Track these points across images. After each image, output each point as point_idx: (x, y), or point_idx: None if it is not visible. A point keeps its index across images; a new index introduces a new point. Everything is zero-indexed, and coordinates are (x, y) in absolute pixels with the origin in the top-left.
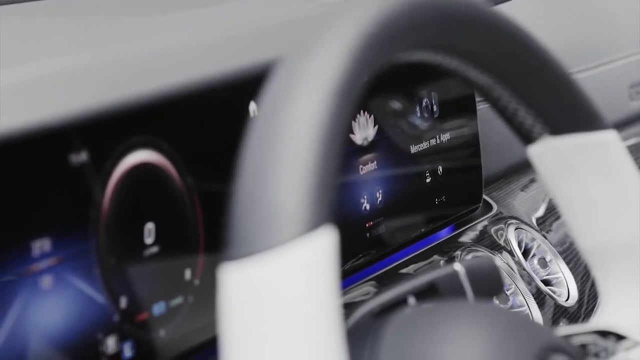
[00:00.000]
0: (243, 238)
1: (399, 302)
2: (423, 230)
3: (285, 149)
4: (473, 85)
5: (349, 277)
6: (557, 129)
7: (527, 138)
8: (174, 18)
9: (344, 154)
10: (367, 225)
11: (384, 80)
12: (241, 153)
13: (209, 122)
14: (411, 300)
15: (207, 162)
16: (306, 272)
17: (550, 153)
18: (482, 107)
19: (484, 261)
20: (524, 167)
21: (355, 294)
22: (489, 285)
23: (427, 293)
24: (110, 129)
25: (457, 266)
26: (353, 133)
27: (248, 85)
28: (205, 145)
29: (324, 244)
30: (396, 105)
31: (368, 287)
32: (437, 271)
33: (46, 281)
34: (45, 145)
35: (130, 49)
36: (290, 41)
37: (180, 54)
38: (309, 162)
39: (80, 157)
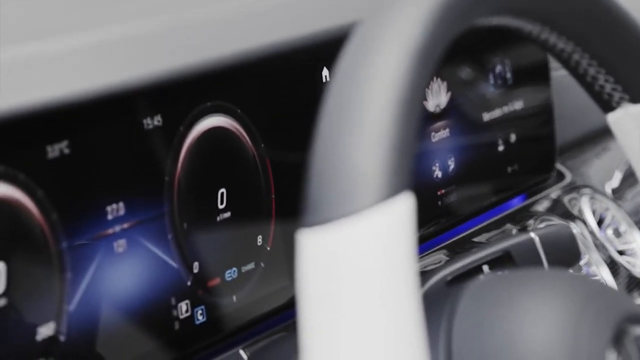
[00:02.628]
0: (321, 204)
1: (473, 270)
2: (495, 199)
3: (365, 113)
4: (551, 51)
5: (419, 245)
6: (638, 97)
7: (607, 105)
8: None
9: None
10: (438, 193)
11: (457, 46)
12: (318, 117)
13: (281, 88)
14: (485, 268)
15: (280, 129)
16: (385, 239)
17: (630, 121)
18: (555, 74)
19: (560, 229)
20: (599, 136)
21: (427, 262)
22: (565, 254)
23: (501, 261)
24: (184, 94)
25: (533, 234)
26: (426, 100)
27: (321, 51)
28: (278, 112)
29: (404, 211)
30: (469, 72)
31: (439, 255)
32: (512, 239)
33: (120, 245)
34: (120, 109)
35: (203, 13)
36: (367, 4)
37: (253, 18)
38: (389, 126)
39: (154, 121)
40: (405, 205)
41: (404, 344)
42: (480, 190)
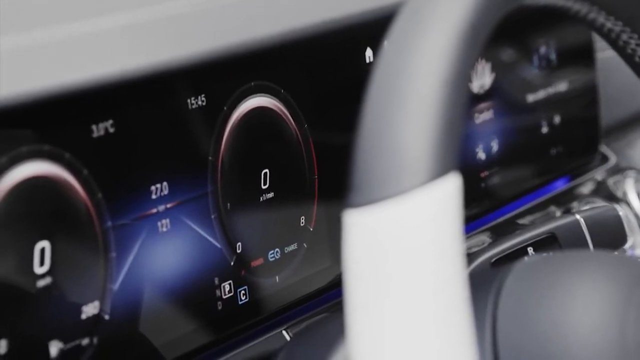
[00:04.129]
0: (368, 185)
1: (517, 252)
2: (538, 181)
3: (414, 92)
4: (599, 30)
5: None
6: None
7: None
8: None
9: None
10: (481, 175)
11: (501, 27)
12: (365, 96)
13: (324, 68)
14: (530, 250)
15: (323, 109)
16: (433, 220)
17: None
18: (600, 56)
19: (606, 211)
20: None
21: (470, 243)
22: (610, 236)
23: (545, 243)
24: (228, 74)
25: (578, 216)
26: (470, 81)
27: (365, 31)
28: (321, 92)
29: (451, 191)
30: (513, 53)
31: (482, 237)
32: (557, 221)
33: (164, 224)
34: (165, 89)
35: None
36: None
37: None
38: (438, 106)
39: (198, 101)
40: (453, 186)
41: (451, 324)
42: (524, 173)
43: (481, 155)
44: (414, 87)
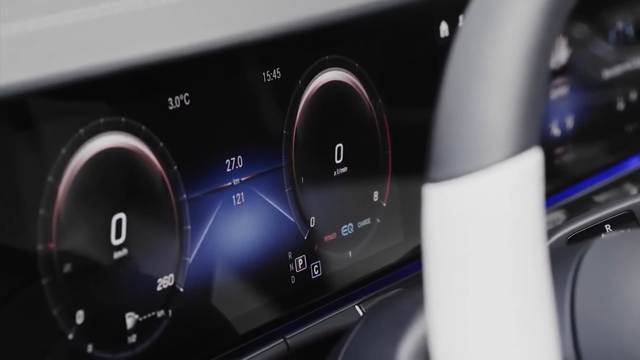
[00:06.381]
0: (450, 159)
1: (594, 229)
2: (612, 158)
3: (497, 65)
4: None
5: None
6: None
7: None
8: None
9: None
10: (556, 151)
11: (578, 3)
12: (445, 69)
13: (399, 42)
14: (607, 227)
15: (397, 83)
16: (515, 195)
17: None
18: None
19: None
20: None
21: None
22: None
23: (623, 220)
24: (303, 48)
25: None
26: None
27: (440, 5)
28: (395, 66)
29: (534, 166)
30: (589, 29)
31: (557, 214)
32: (634, 198)
33: (238, 198)
34: (240, 62)
35: None
36: None
37: None
38: (522, 79)
39: (274, 74)
40: (535, 161)
41: (532, 299)
42: (598, 150)
43: (556, 131)
44: (497, 61)
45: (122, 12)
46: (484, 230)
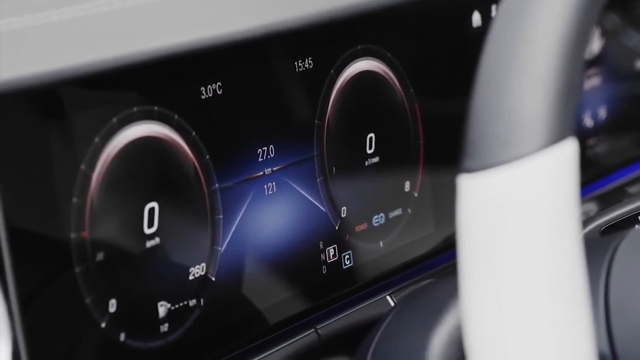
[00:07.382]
0: (485, 149)
1: (628, 220)
2: None
3: (533, 55)
4: None
5: None
6: None
7: None
8: None
9: None
10: (588, 142)
11: None
12: (480, 59)
13: (431, 32)
14: None
15: (429, 73)
16: (551, 185)
17: None
18: None
19: None
20: None
21: None
22: None
23: None
24: (335, 37)
25: None
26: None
27: None
28: (427, 56)
29: (569, 157)
30: (622, 20)
31: (590, 205)
32: None
33: (270, 187)
34: (272, 51)
35: None
36: None
37: None
38: (557, 70)
39: (306, 64)
40: (570, 151)
41: (567, 289)
42: (630, 141)
43: (588, 122)
44: (533, 51)
45: (156, 1)
46: (519, 220)
